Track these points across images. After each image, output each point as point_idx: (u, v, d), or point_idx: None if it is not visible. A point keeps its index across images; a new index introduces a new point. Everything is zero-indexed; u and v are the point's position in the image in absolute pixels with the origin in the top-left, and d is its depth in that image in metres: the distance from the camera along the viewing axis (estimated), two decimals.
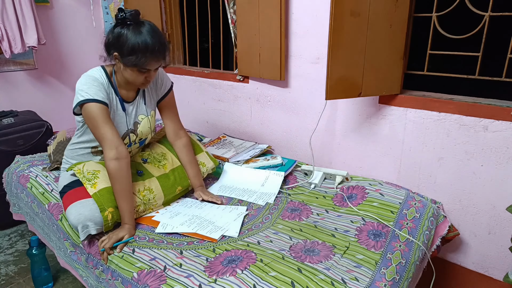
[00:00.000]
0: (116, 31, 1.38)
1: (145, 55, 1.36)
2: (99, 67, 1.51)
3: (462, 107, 1.56)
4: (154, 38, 1.37)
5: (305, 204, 1.66)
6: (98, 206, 1.39)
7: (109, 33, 1.41)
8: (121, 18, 1.37)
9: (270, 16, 1.99)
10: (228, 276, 1.18)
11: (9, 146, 2.35)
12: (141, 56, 1.36)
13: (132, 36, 1.35)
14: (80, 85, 1.42)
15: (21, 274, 2.03)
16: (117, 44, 1.38)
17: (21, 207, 1.97)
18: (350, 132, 1.93)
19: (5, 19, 2.51)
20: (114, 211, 1.41)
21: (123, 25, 1.37)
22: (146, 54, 1.36)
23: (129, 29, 1.36)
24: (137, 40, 1.34)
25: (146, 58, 1.37)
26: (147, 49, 1.35)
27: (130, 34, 1.35)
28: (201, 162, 1.79)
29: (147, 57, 1.37)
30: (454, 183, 1.66)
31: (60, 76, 3.09)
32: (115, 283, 1.28)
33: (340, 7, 1.49)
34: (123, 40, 1.36)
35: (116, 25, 1.39)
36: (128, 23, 1.37)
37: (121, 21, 1.37)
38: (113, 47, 1.40)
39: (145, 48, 1.35)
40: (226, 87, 2.46)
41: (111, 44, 1.41)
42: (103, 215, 1.38)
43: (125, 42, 1.36)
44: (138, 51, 1.35)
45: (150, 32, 1.37)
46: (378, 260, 1.27)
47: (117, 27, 1.39)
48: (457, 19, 1.72)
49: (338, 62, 1.57)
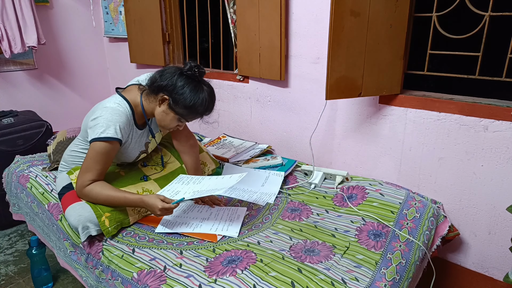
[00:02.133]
0: (178, 80, 1.39)
1: (198, 113, 1.43)
2: (120, 98, 1.45)
3: (462, 107, 1.56)
4: (212, 101, 1.45)
5: (305, 204, 1.66)
6: (94, 212, 1.39)
7: (167, 77, 1.40)
8: (190, 73, 1.40)
9: (270, 16, 1.99)
10: (228, 276, 1.18)
11: (9, 146, 2.35)
12: (194, 113, 1.42)
13: (194, 93, 1.39)
14: (105, 120, 1.37)
15: (21, 274, 2.02)
16: (174, 92, 1.38)
17: (21, 207, 1.97)
18: (350, 132, 1.93)
19: (5, 19, 2.51)
20: (111, 215, 1.41)
21: (188, 78, 1.40)
22: (199, 112, 1.43)
23: (193, 85, 1.40)
24: (199, 99, 1.39)
25: (197, 115, 1.45)
26: (205, 109, 1.43)
27: (194, 90, 1.39)
28: (202, 162, 1.79)
29: (198, 114, 1.44)
30: (454, 183, 1.66)
31: (60, 76, 3.09)
32: (115, 283, 1.28)
33: (340, 7, 1.48)
34: (184, 92, 1.38)
35: (180, 74, 1.40)
36: (194, 79, 1.41)
37: (191, 75, 1.40)
38: (167, 92, 1.40)
39: (204, 109, 1.42)
40: (226, 87, 2.46)
41: (165, 88, 1.40)
42: (100, 221, 1.38)
43: (185, 96, 1.38)
44: (194, 108, 1.40)
45: (210, 94, 1.44)
46: (378, 260, 1.27)
47: (182, 77, 1.40)
48: (457, 19, 1.72)
49: (338, 62, 1.57)
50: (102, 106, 1.42)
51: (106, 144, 1.37)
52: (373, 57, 1.61)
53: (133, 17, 2.79)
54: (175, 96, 1.39)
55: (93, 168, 1.39)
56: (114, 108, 1.40)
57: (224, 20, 2.41)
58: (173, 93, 1.39)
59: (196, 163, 1.70)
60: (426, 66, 1.68)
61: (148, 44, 2.77)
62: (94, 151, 1.38)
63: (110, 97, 1.48)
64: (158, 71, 1.46)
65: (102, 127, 1.36)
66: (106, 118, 1.37)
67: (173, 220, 1.49)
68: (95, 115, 1.40)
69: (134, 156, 1.58)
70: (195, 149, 1.71)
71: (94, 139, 1.37)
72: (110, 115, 1.38)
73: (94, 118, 1.39)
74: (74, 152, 1.60)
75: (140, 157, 1.63)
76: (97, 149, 1.37)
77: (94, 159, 1.38)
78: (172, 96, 1.39)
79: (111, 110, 1.39)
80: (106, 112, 1.39)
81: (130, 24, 2.83)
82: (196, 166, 1.70)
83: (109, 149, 1.38)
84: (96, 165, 1.39)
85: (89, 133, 1.40)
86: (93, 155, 1.38)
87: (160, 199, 1.35)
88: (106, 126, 1.36)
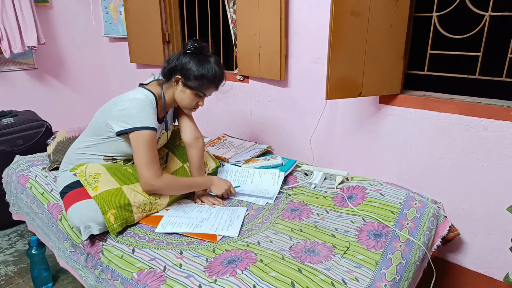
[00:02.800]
0: (183, 59, 1.49)
1: (210, 82, 1.51)
2: (147, 91, 1.51)
3: (462, 107, 1.56)
4: (221, 69, 1.54)
5: (305, 204, 1.66)
6: (100, 209, 1.38)
7: (174, 60, 1.51)
8: (192, 48, 1.50)
9: (270, 16, 1.99)
10: (228, 277, 1.17)
11: (8, 146, 2.35)
12: (207, 83, 1.50)
13: (201, 64, 1.48)
14: (137, 111, 1.43)
15: (21, 274, 2.02)
16: (184, 69, 1.49)
17: (20, 207, 1.97)
18: (350, 132, 1.93)
19: (5, 19, 2.51)
20: (117, 212, 1.40)
21: (192, 54, 1.50)
22: (212, 82, 1.51)
23: (198, 58, 1.49)
24: (207, 69, 1.49)
25: (210, 84, 1.52)
26: (215, 77, 1.51)
27: (199, 63, 1.49)
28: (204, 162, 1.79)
29: (211, 84, 1.52)
30: (454, 183, 1.65)
31: (59, 76, 3.09)
32: (114, 283, 1.28)
33: (340, 7, 1.48)
34: (192, 66, 1.48)
35: (184, 53, 1.51)
36: (197, 53, 1.50)
37: (192, 51, 1.50)
38: (178, 72, 1.50)
39: (213, 77, 1.51)
40: (226, 87, 2.45)
41: (175, 69, 1.50)
42: (105, 218, 1.38)
43: (193, 69, 1.48)
44: (205, 78, 1.49)
45: (217, 63, 1.53)
46: (378, 260, 1.26)
47: (186, 55, 1.50)
48: (457, 19, 1.72)
49: (338, 62, 1.57)
50: (131, 97, 1.46)
51: (149, 132, 1.43)
52: (373, 57, 1.61)
53: (133, 17, 2.79)
54: (185, 73, 1.48)
55: (153, 156, 1.45)
56: (143, 99, 1.46)
57: (224, 20, 2.41)
58: (183, 71, 1.49)
59: (200, 158, 1.70)
60: (426, 66, 1.68)
61: (148, 44, 2.77)
62: (144, 140, 1.43)
63: (135, 90, 1.54)
64: (164, 61, 1.56)
65: (138, 117, 1.42)
66: (140, 109, 1.44)
67: (173, 220, 1.49)
68: (123, 106, 1.44)
69: None
70: (202, 144, 1.72)
71: (138, 128, 1.42)
72: (142, 106, 1.44)
73: (123, 108, 1.44)
74: (81, 149, 1.59)
75: None
76: (145, 138, 1.43)
77: (148, 148, 1.44)
78: (182, 73, 1.49)
79: (142, 102, 1.46)
80: (137, 103, 1.44)
81: (130, 24, 2.83)
82: (200, 162, 1.70)
83: (153, 137, 1.45)
84: (153, 153, 1.45)
85: (119, 124, 1.44)
86: (145, 144, 1.43)
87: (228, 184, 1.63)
88: (144, 116, 1.43)
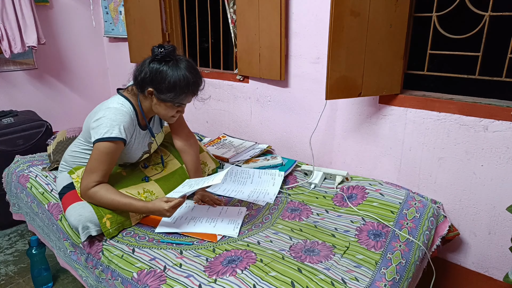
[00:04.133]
0: (153, 67, 1.36)
1: (184, 91, 1.38)
2: (123, 98, 1.46)
3: (462, 107, 1.56)
4: (193, 73, 1.39)
5: (305, 204, 1.66)
6: (95, 214, 1.39)
7: (143, 68, 1.38)
8: (160, 55, 1.35)
9: (270, 16, 1.99)
10: (228, 276, 1.17)
11: (9, 146, 2.35)
12: (180, 92, 1.37)
13: (172, 73, 1.35)
14: (109, 121, 1.37)
15: (21, 274, 2.02)
16: (155, 80, 1.36)
17: (21, 207, 1.97)
18: (350, 132, 1.93)
19: (5, 19, 2.51)
20: (112, 217, 1.41)
21: (160, 61, 1.36)
22: (185, 90, 1.38)
23: (168, 66, 1.36)
24: (178, 77, 1.35)
25: (185, 94, 1.39)
26: (188, 85, 1.37)
27: (170, 71, 1.35)
28: (203, 162, 1.80)
29: (186, 92, 1.39)
30: (454, 183, 1.66)
31: (60, 76, 3.09)
32: (115, 283, 1.28)
33: (340, 7, 1.48)
34: (162, 76, 1.35)
35: (152, 60, 1.37)
36: (166, 60, 1.36)
37: (160, 58, 1.36)
38: (150, 84, 1.37)
39: (186, 84, 1.36)
40: (226, 87, 2.46)
41: (146, 80, 1.38)
42: (101, 222, 1.38)
43: (164, 79, 1.35)
44: (178, 87, 1.36)
45: (189, 68, 1.38)
46: (378, 260, 1.27)
47: (154, 62, 1.37)
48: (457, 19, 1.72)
49: (338, 62, 1.57)
50: (105, 107, 1.41)
51: (110, 144, 1.37)
52: (373, 57, 1.61)
53: (133, 17, 2.79)
54: (156, 86, 1.37)
55: (98, 168, 1.38)
56: (117, 108, 1.40)
57: (224, 20, 2.41)
58: (154, 83, 1.37)
59: (196, 162, 1.69)
60: (426, 66, 1.68)
61: (148, 44, 2.73)
62: (99, 151, 1.37)
63: (113, 98, 1.47)
64: (135, 68, 1.43)
65: (106, 127, 1.36)
66: (110, 118, 1.37)
67: (173, 220, 1.49)
68: (98, 116, 1.40)
69: (137, 156, 1.58)
70: (195, 148, 1.71)
71: (98, 140, 1.36)
72: (114, 115, 1.38)
73: (97, 118, 1.39)
74: (75, 152, 1.60)
75: (143, 157, 1.63)
76: (101, 150, 1.37)
77: (99, 160, 1.37)
78: (154, 86, 1.37)
79: (114, 110, 1.39)
80: (109, 113, 1.38)
81: (130, 24, 2.83)
82: (196, 166, 1.69)
83: (113, 149, 1.38)
84: (101, 166, 1.38)
85: (92, 134, 1.39)
86: (98, 155, 1.37)
87: (164, 201, 1.35)
88: (110, 126, 1.36)
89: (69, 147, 1.66)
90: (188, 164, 1.69)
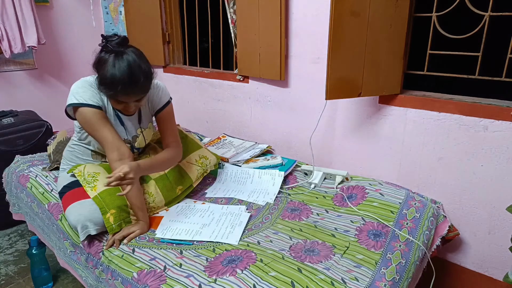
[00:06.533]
0: (100, 55, 1.33)
1: (113, 90, 1.30)
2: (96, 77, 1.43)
3: (462, 107, 1.56)
4: (124, 74, 1.27)
5: (305, 204, 1.66)
6: (99, 209, 1.39)
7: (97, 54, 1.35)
8: (104, 46, 1.31)
9: (270, 16, 1.99)
10: (228, 276, 1.18)
11: (9, 146, 2.35)
12: (109, 90, 1.31)
13: (107, 67, 1.28)
14: (76, 88, 1.42)
15: (21, 274, 2.02)
16: (97, 69, 1.34)
17: (21, 207, 1.97)
18: (350, 132, 1.93)
19: (5, 19, 2.51)
20: (116, 212, 1.41)
21: (106, 51, 1.31)
22: (114, 89, 1.29)
23: (109, 58, 1.29)
24: (108, 73, 1.28)
25: (115, 92, 1.30)
26: (113, 84, 1.28)
27: (107, 65, 1.29)
28: (203, 156, 1.79)
29: (116, 91, 1.29)
30: (454, 183, 1.66)
31: (60, 76, 3.09)
32: (114, 283, 1.28)
33: (340, 7, 1.49)
34: (100, 67, 1.31)
35: (101, 49, 1.33)
36: (111, 50, 1.30)
37: (104, 48, 1.31)
38: (96, 70, 1.35)
39: (111, 83, 1.28)
40: (226, 87, 2.46)
41: (94, 67, 1.35)
42: (105, 218, 1.38)
43: (100, 70, 1.31)
44: (105, 84, 1.30)
45: (124, 67, 1.27)
46: (378, 260, 1.27)
47: (102, 51, 1.33)
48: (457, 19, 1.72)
49: (338, 62, 1.57)
50: None
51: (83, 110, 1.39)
52: (373, 57, 1.61)
53: (133, 17, 2.79)
54: (99, 78, 1.32)
55: (98, 138, 1.43)
56: (84, 79, 1.45)
57: (224, 20, 2.41)
58: (97, 71, 1.33)
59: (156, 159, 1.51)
60: (426, 66, 1.68)
61: (148, 44, 2.77)
62: (82, 122, 1.42)
63: None
64: None
65: (73, 95, 1.41)
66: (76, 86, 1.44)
67: (173, 226, 1.47)
68: None
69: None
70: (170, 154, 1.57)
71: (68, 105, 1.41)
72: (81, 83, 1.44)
73: None
74: (73, 146, 1.62)
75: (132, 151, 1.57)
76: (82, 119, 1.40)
77: (90, 129, 1.42)
78: (98, 77, 1.33)
79: (81, 81, 1.45)
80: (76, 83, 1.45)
81: (130, 24, 2.83)
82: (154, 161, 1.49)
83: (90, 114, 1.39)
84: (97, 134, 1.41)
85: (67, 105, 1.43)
86: (86, 127, 1.42)
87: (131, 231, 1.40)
88: (76, 93, 1.41)
89: (66, 146, 1.68)
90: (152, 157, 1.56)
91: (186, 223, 1.49)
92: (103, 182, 1.45)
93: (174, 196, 1.63)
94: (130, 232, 1.39)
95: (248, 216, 1.54)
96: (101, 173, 1.49)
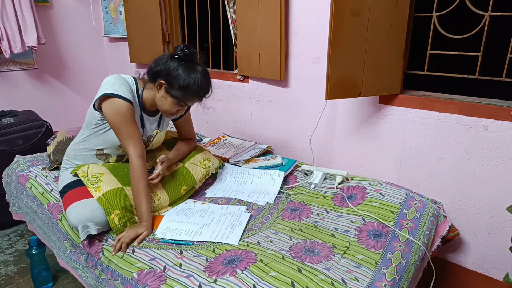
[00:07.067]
0: (171, 63, 1.43)
1: (194, 94, 1.45)
2: (130, 76, 1.53)
3: (462, 107, 1.56)
4: (206, 81, 1.46)
5: (305, 204, 1.66)
6: (104, 210, 1.39)
7: (161, 62, 1.45)
8: (181, 54, 1.43)
9: (270, 16, 1.99)
10: (228, 276, 1.17)
11: (8, 146, 2.35)
12: (190, 94, 1.44)
13: (187, 74, 1.41)
14: (113, 79, 1.45)
15: (21, 274, 2.02)
16: (168, 75, 1.42)
17: (20, 207, 1.97)
18: (350, 132, 1.93)
19: (5, 19, 2.51)
20: (121, 213, 1.40)
21: (180, 60, 1.43)
22: (195, 93, 1.44)
23: (186, 66, 1.42)
24: (193, 79, 1.41)
25: (193, 96, 1.46)
26: (200, 90, 1.44)
27: (186, 71, 1.41)
28: (206, 158, 1.80)
29: (194, 96, 1.45)
30: (454, 183, 1.66)
31: (60, 76, 3.09)
32: (114, 283, 1.28)
33: (340, 7, 1.48)
34: (177, 74, 1.41)
35: (172, 57, 1.44)
36: (186, 60, 1.44)
37: (181, 57, 1.43)
38: (164, 77, 1.44)
39: (198, 89, 1.43)
40: (226, 87, 2.46)
41: (160, 73, 1.44)
42: (110, 218, 1.38)
43: (178, 77, 1.41)
44: (189, 88, 1.42)
45: (204, 75, 1.45)
46: (378, 260, 1.27)
47: (174, 60, 1.44)
48: (457, 19, 1.72)
49: (338, 62, 1.57)
50: None
51: (118, 101, 1.41)
52: (373, 57, 1.61)
53: (133, 17, 2.79)
54: (169, 79, 1.43)
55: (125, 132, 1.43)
56: (117, 75, 1.48)
57: (224, 20, 2.41)
58: (168, 77, 1.43)
59: (182, 151, 1.75)
60: (426, 66, 1.68)
61: (148, 44, 2.77)
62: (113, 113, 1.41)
63: None
64: (153, 61, 1.50)
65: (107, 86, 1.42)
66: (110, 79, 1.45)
67: (173, 226, 1.46)
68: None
69: None
70: (191, 145, 1.78)
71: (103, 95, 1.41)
72: (115, 79, 1.45)
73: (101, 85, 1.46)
74: (78, 144, 1.60)
75: None
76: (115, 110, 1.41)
77: (119, 121, 1.43)
78: (167, 79, 1.43)
79: (114, 76, 1.47)
80: (108, 77, 1.46)
81: (130, 24, 2.83)
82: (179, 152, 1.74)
83: (125, 107, 1.41)
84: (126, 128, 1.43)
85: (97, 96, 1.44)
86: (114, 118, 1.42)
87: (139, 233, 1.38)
88: (112, 84, 1.43)
89: (72, 142, 1.67)
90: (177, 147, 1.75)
91: (186, 223, 1.49)
92: (106, 183, 1.45)
93: (179, 196, 1.64)
94: (138, 234, 1.38)
95: (248, 216, 1.54)
96: (104, 174, 1.49)
